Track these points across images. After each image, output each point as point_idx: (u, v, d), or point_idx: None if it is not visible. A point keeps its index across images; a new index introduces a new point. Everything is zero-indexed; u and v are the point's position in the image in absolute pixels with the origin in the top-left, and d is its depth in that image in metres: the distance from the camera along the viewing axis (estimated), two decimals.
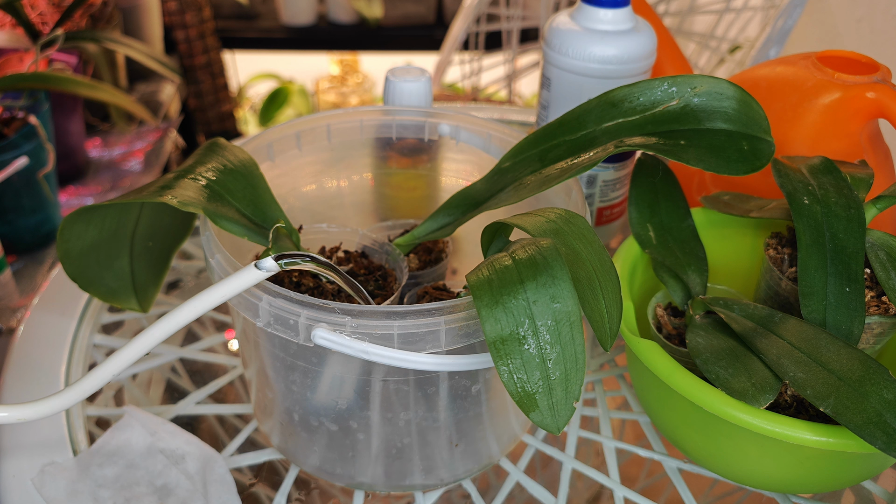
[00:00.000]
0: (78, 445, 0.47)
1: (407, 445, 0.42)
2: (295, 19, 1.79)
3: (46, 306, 0.57)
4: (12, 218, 0.74)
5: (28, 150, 0.70)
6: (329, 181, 0.53)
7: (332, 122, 0.51)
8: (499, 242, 0.39)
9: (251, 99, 2.10)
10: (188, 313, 0.36)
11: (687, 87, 0.41)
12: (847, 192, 0.44)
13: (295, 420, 0.43)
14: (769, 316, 0.43)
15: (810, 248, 0.42)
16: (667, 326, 0.48)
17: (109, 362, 0.37)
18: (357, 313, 0.35)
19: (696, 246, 0.50)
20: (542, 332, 0.31)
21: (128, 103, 0.83)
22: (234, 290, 0.36)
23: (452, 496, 0.46)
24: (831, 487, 0.43)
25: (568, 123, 0.43)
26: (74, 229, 0.43)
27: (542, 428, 0.31)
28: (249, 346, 0.43)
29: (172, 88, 1.27)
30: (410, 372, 0.39)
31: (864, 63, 0.52)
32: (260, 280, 0.36)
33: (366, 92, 2.09)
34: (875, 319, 0.42)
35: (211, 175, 0.41)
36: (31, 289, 0.72)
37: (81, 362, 0.53)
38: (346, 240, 0.50)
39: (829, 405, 0.36)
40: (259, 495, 0.46)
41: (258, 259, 0.36)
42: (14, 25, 0.91)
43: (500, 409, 0.44)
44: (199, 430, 0.50)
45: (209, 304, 0.36)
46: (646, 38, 0.54)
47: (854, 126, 0.50)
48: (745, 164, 0.40)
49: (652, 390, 0.45)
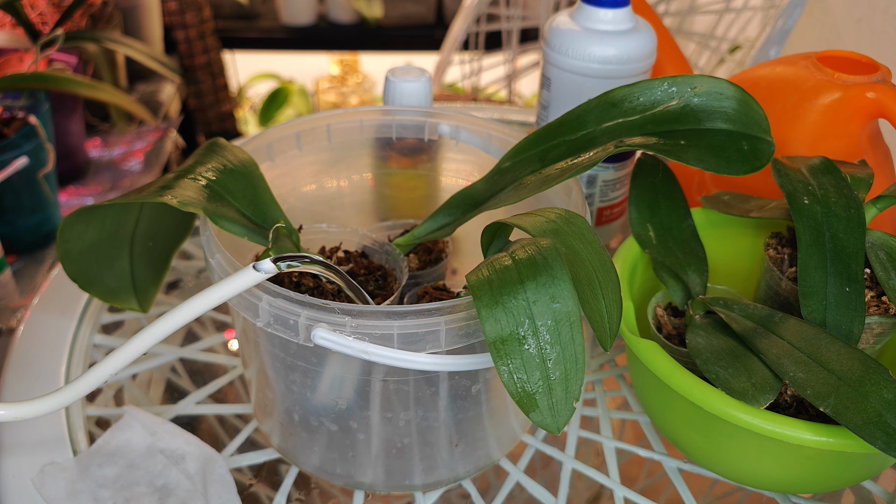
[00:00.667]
0: (78, 445, 0.47)
1: (407, 445, 0.42)
2: (295, 19, 1.79)
3: (46, 306, 0.57)
4: (12, 218, 0.74)
5: (28, 150, 0.70)
6: (329, 181, 0.53)
7: (332, 122, 0.51)
8: (499, 242, 0.39)
9: (251, 99, 2.10)
10: (186, 314, 0.36)
11: (687, 87, 0.41)
12: (847, 192, 0.44)
13: (295, 420, 0.43)
14: (769, 316, 0.43)
15: (810, 248, 0.42)
16: (667, 326, 0.48)
17: (107, 361, 0.37)
18: (357, 313, 0.35)
19: (696, 246, 0.50)
20: (542, 332, 0.31)
21: (128, 103, 0.83)
22: (233, 292, 0.36)
23: (452, 496, 0.46)
24: (831, 487, 0.43)
25: (568, 123, 0.43)
26: (74, 229, 0.43)
27: (542, 428, 0.31)
28: (249, 346, 0.43)
29: (172, 88, 1.27)
30: (410, 372, 0.39)
31: (864, 63, 0.52)
32: (258, 282, 0.36)
33: (366, 92, 2.09)
34: (875, 319, 0.42)
35: (211, 175, 0.41)
36: (31, 289, 0.72)
37: (81, 362, 0.53)
38: (346, 240, 0.50)
39: (829, 405, 0.36)
40: (259, 495, 0.46)
41: (257, 260, 0.36)
42: (14, 25, 0.91)
43: (500, 409, 0.44)
44: (199, 430, 0.50)
45: (207, 304, 0.36)
46: (646, 38, 0.54)
47: (854, 126, 0.50)
48: (745, 164, 0.40)
49: (652, 390, 0.45)
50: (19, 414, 0.38)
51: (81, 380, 0.37)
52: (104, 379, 0.37)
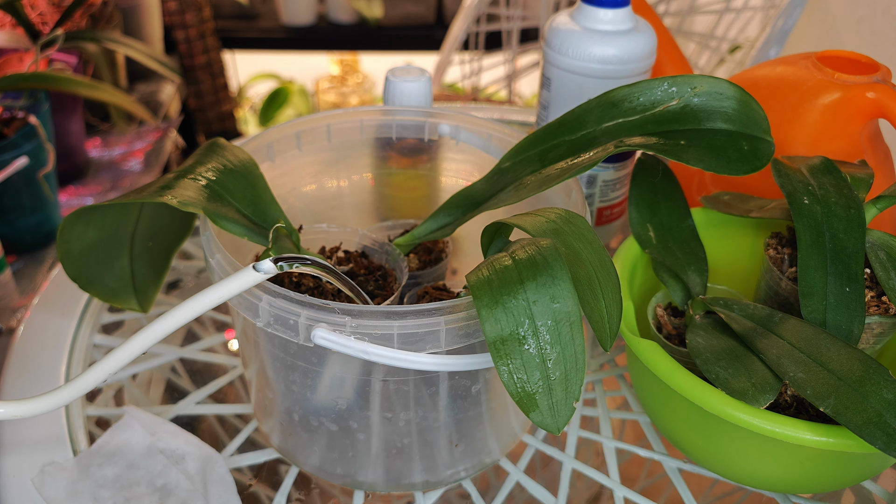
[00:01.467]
0: (78, 445, 0.47)
1: (407, 445, 0.42)
2: (295, 19, 1.79)
3: (46, 306, 0.57)
4: (12, 218, 0.74)
5: (28, 150, 0.70)
6: (329, 181, 0.53)
7: (332, 122, 0.51)
8: (499, 242, 0.39)
9: (251, 99, 2.10)
10: (186, 313, 0.36)
11: (687, 87, 0.41)
12: (847, 192, 0.44)
13: (295, 420, 0.43)
14: (769, 316, 0.43)
15: (810, 248, 0.42)
16: (667, 326, 0.48)
17: (107, 360, 0.37)
18: (357, 313, 0.35)
19: (696, 246, 0.50)
20: (542, 332, 0.31)
21: (128, 103, 0.83)
22: (233, 292, 0.36)
23: (452, 496, 0.46)
24: (831, 487, 0.43)
25: (568, 123, 0.43)
26: (74, 229, 0.43)
27: (542, 428, 0.31)
28: (249, 346, 0.43)
29: (172, 88, 1.27)
30: (410, 372, 0.39)
31: (864, 63, 0.52)
32: (258, 282, 0.36)
33: (366, 92, 2.09)
34: (875, 319, 0.42)
35: (211, 175, 0.41)
36: (31, 289, 0.72)
37: (81, 362, 0.53)
38: (346, 240, 0.50)
39: (829, 405, 0.36)
40: (259, 495, 0.46)
41: (257, 260, 0.36)
42: (14, 25, 0.91)
43: (500, 409, 0.44)
44: (199, 430, 0.50)
45: (207, 304, 0.36)
46: (646, 38, 0.54)
47: (854, 126, 0.50)
48: (745, 164, 0.40)
49: (652, 390, 0.45)
50: (18, 412, 0.38)
51: (81, 378, 0.37)
52: (104, 378, 0.37)
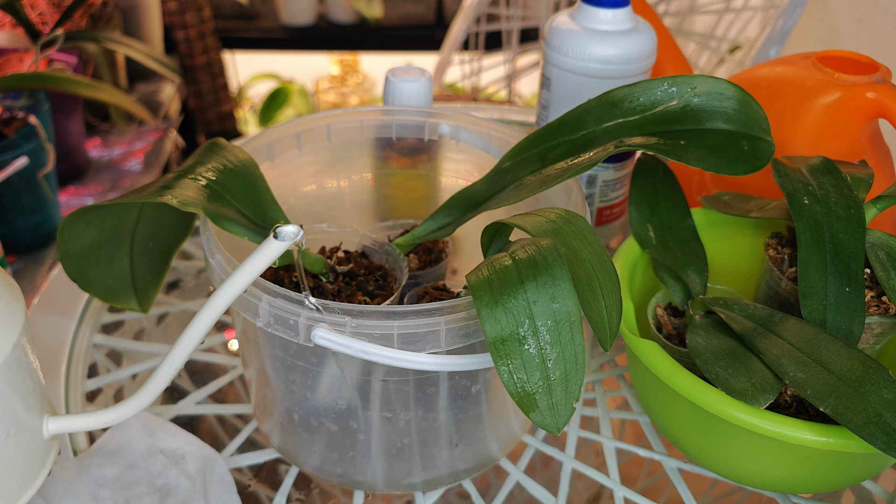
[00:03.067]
0: (78, 445, 0.47)
1: (407, 445, 0.42)
2: (295, 19, 1.79)
3: (46, 306, 0.57)
4: (12, 218, 0.74)
5: (28, 150, 0.70)
6: (329, 181, 0.53)
7: (332, 122, 0.51)
8: (499, 242, 0.39)
9: (251, 99, 2.10)
10: (226, 297, 0.35)
11: (687, 87, 0.41)
12: (847, 192, 0.44)
13: (295, 420, 0.43)
14: (769, 316, 0.43)
15: (810, 248, 0.42)
16: (667, 326, 0.48)
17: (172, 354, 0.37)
18: (357, 313, 0.35)
19: (696, 246, 0.50)
20: (542, 332, 0.31)
21: (128, 103, 0.83)
22: (262, 266, 0.34)
23: (452, 496, 0.46)
24: (831, 487, 0.43)
25: (568, 123, 0.43)
26: (74, 229, 0.43)
27: (542, 428, 0.31)
28: (249, 346, 0.43)
29: (172, 88, 1.27)
30: (410, 372, 0.39)
31: (864, 63, 0.52)
32: (284, 250, 0.34)
33: (366, 92, 2.09)
34: (875, 319, 0.42)
35: (211, 175, 0.41)
36: (31, 289, 0.72)
37: (81, 362, 0.53)
38: (346, 240, 0.50)
39: (829, 405, 0.36)
40: (259, 495, 0.46)
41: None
42: (14, 25, 0.91)
43: (500, 409, 0.44)
44: (199, 430, 0.50)
45: (242, 284, 0.35)
46: (646, 38, 0.54)
47: (854, 126, 0.50)
48: (745, 164, 0.40)
49: (652, 390, 0.45)
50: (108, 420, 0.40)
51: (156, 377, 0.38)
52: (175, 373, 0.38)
